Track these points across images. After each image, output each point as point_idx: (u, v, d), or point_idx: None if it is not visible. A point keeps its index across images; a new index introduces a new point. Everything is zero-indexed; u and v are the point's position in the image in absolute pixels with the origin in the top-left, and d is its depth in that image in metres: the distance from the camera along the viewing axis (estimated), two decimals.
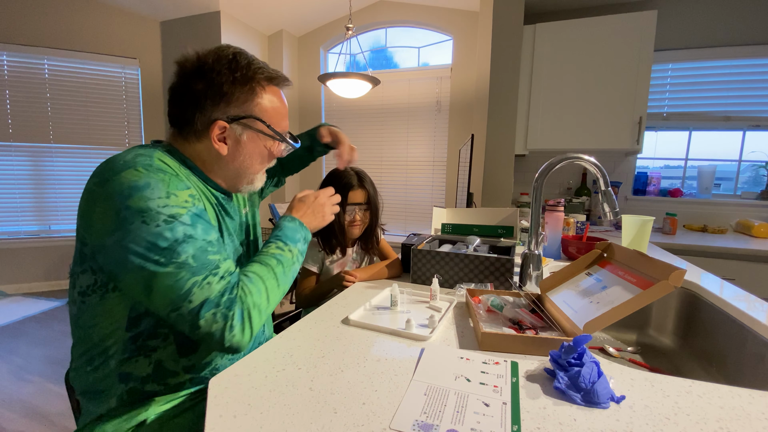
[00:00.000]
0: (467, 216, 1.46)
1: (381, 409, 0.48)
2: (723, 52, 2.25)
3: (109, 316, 0.61)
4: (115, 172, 0.57)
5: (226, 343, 0.59)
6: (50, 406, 1.69)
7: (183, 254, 0.56)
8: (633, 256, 0.75)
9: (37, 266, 3.21)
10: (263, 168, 0.77)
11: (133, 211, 0.55)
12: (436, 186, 3.40)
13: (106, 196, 0.56)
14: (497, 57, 2.16)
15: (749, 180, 2.37)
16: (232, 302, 0.59)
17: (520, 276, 1.00)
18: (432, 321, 0.74)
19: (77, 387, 0.67)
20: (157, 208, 0.56)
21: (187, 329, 0.58)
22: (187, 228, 0.58)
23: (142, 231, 0.55)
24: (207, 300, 0.57)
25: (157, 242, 0.55)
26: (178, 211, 0.58)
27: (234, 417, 0.46)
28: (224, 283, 0.59)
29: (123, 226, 0.55)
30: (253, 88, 0.68)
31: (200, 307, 0.56)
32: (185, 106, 0.67)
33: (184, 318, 0.57)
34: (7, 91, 3.00)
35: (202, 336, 0.58)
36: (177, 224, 0.57)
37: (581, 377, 0.50)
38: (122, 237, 0.55)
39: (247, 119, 0.69)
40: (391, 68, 3.49)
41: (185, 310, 0.56)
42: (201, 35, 3.15)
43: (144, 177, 0.57)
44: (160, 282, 0.55)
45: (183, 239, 0.57)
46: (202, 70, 0.66)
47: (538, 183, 0.97)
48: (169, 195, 0.58)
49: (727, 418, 0.47)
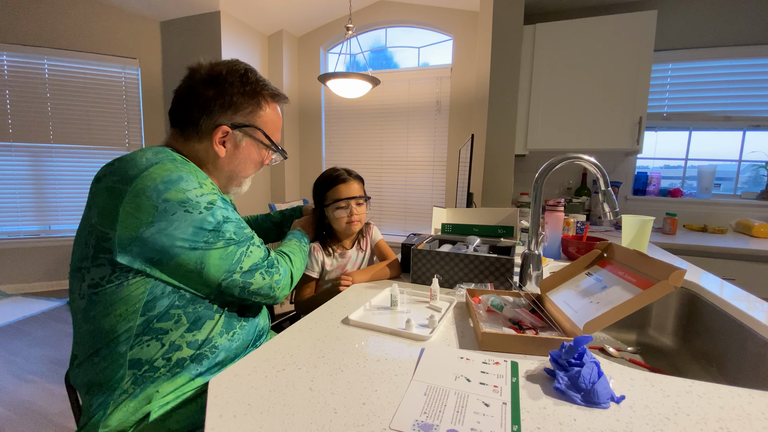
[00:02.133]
0: (467, 216, 1.46)
1: (381, 409, 0.48)
2: (723, 52, 2.25)
3: (125, 302, 0.63)
4: (142, 168, 0.62)
5: (272, 291, 0.75)
6: (50, 406, 1.69)
7: (227, 232, 0.68)
8: (633, 256, 0.75)
9: (37, 266, 3.21)
10: (253, 173, 0.85)
11: (174, 203, 0.62)
12: (436, 186, 3.40)
13: (138, 192, 0.60)
14: (497, 57, 2.16)
15: (749, 180, 2.37)
16: (272, 263, 0.76)
17: (520, 276, 1.00)
18: (432, 321, 0.74)
19: (82, 383, 0.67)
20: (195, 197, 0.64)
21: (238, 291, 0.70)
22: (223, 210, 0.69)
23: (187, 219, 0.63)
24: (255, 263, 0.72)
25: (204, 226, 0.65)
26: (212, 197, 0.67)
27: (234, 417, 0.46)
28: (263, 249, 0.76)
29: (164, 217, 0.61)
30: (258, 101, 0.77)
31: (251, 270, 0.71)
32: (192, 109, 0.73)
33: (236, 282, 0.70)
34: (7, 91, 3.00)
35: (252, 292, 0.72)
36: (216, 209, 0.67)
37: (581, 377, 0.50)
38: (165, 227, 0.61)
39: (249, 128, 0.77)
40: (391, 68, 3.49)
41: (238, 275, 0.69)
42: (201, 35, 3.15)
43: (175, 171, 0.64)
44: (213, 257, 0.66)
45: (224, 220, 0.68)
46: (215, 79, 0.73)
47: (538, 183, 0.97)
48: (201, 185, 0.67)
49: (727, 418, 0.47)
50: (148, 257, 0.62)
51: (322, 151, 3.79)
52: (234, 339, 0.75)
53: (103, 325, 0.64)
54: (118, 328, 0.64)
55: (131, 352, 0.65)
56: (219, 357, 0.72)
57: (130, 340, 0.64)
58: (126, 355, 0.64)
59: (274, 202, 3.20)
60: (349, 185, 1.16)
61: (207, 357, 0.71)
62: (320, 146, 3.78)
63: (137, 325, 0.64)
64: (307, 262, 1.21)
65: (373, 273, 1.09)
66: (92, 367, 0.65)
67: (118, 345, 0.64)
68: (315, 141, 3.79)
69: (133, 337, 0.64)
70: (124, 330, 0.64)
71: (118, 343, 0.64)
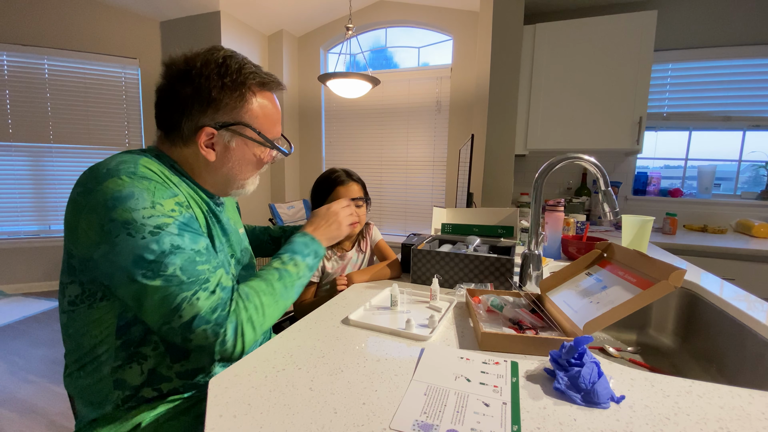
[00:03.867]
0: (467, 216, 1.46)
1: (381, 409, 0.48)
2: (723, 52, 2.25)
3: (98, 324, 0.61)
4: (98, 181, 0.56)
5: (216, 356, 0.59)
6: (50, 406, 1.69)
7: (170, 266, 0.55)
8: (633, 256, 0.75)
9: (37, 266, 3.21)
10: (254, 174, 0.75)
11: (118, 224, 0.54)
12: (436, 186, 3.40)
13: (90, 207, 0.55)
14: (497, 57, 2.16)
15: (749, 180, 2.37)
16: (224, 319, 0.58)
17: (520, 276, 1.00)
18: (432, 321, 0.74)
19: (72, 392, 0.67)
20: (141, 219, 0.54)
21: (179, 342, 0.58)
22: (174, 238, 0.57)
23: (129, 244, 0.54)
24: (197, 316, 0.56)
25: (144, 255, 0.54)
26: (165, 221, 0.56)
27: (234, 417, 0.46)
28: (215, 299, 0.58)
29: (108, 239, 0.54)
30: (243, 94, 0.66)
31: (190, 322, 0.56)
32: (171, 111, 0.65)
33: (176, 332, 0.57)
34: (7, 91, 3.00)
35: (193, 348, 0.59)
36: (163, 235, 0.56)
37: (581, 377, 0.50)
38: (108, 250, 0.54)
39: (236, 126, 0.67)
40: (391, 68, 3.49)
41: (176, 324, 0.56)
42: (201, 35, 3.15)
43: (128, 186, 0.55)
44: (149, 296, 0.55)
45: (170, 250, 0.56)
46: (189, 75, 0.63)
47: (538, 183, 0.97)
48: (154, 205, 0.56)
49: (727, 418, 0.47)
50: (99, 281, 0.58)
51: (322, 151, 3.79)
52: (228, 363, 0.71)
53: (83, 343, 0.62)
54: (97, 348, 0.62)
55: (115, 373, 0.63)
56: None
57: (110, 361, 0.62)
58: (110, 375, 0.63)
59: (274, 202, 3.20)
60: (348, 187, 1.16)
61: (201, 383, 0.69)
62: (320, 146, 3.78)
63: (116, 348, 0.62)
64: None
65: (373, 273, 1.09)
66: (80, 380, 0.64)
67: (101, 364, 0.62)
68: (315, 141, 3.79)
69: (113, 358, 0.62)
70: (103, 350, 0.62)
71: (100, 362, 0.62)
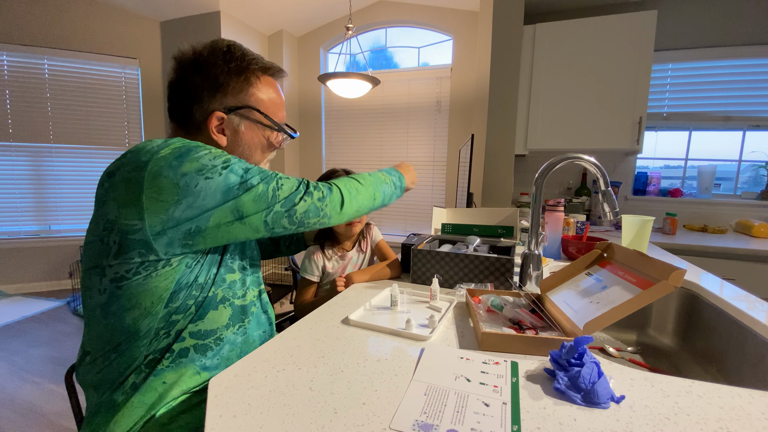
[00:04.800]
0: (467, 216, 1.46)
1: (381, 409, 0.48)
2: (723, 52, 2.25)
3: (152, 294, 0.62)
4: (154, 152, 0.60)
5: (322, 210, 0.70)
6: (50, 406, 1.69)
7: (252, 179, 0.64)
8: (633, 256, 0.75)
9: (37, 266, 3.21)
10: (264, 158, 0.80)
11: (192, 175, 0.59)
12: (436, 186, 3.40)
13: (155, 174, 0.58)
14: (497, 57, 2.16)
15: (749, 180, 2.37)
16: (307, 187, 0.70)
17: (520, 276, 1.00)
18: (432, 321, 0.74)
19: (90, 381, 0.66)
20: (210, 162, 0.61)
21: (287, 222, 0.67)
22: (241, 163, 0.65)
23: (211, 185, 0.60)
24: (290, 193, 0.67)
25: (230, 185, 0.61)
26: (226, 156, 0.64)
27: (234, 417, 0.46)
28: (294, 179, 0.69)
29: (189, 191, 0.58)
30: (248, 78, 0.72)
31: (288, 198, 0.66)
32: (184, 100, 0.70)
33: (280, 213, 0.66)
34: (7, 91, 3.00)
35: (302, 217, 0.68)
36: (233, 164, 0.63)
37: (581, 377, 0.50)
38: (193, 201, 0.59)
39: (243, 109, 0.72)
40: (391, 68, 3.49)
41: (279, 206, 0.65)
42: (201, 35, 3.15)
43: (184, 146, 0.61)
44: (246, 203, 0.62)
45: (245, 171, 0.64)
46: (198, 63, 0.69)
47: (538, 183, 0.97)
48: (209, 149, 0.63)
49: (727, 418, 0.47)
50: (186, 232, 0.60)
51: (322, 151, 3.79)
52: (239, 333, 0.74)
53: (125, 320, 0.62)
54: (140, 321, 0.62)
55: (150, 346, 0.64)
56: (224, 351, 0.71)
57: (149, 333, 0.63)
58: (144, 349, 0.64)
59: None
60: None
61: (211, 348, 0.69)
62: (320, 146, 3.78)
63: (159, 318, 0.63)
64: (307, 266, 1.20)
65: (373, 273, 1.09)
66: (108, 364, 0.64)
67: (138, 339, 0.63)
68: (315, 141, 3.79)
69: (153, 330, 0.63)
70: (144, 324, 0.63)
71: (138, 337, 0.63)
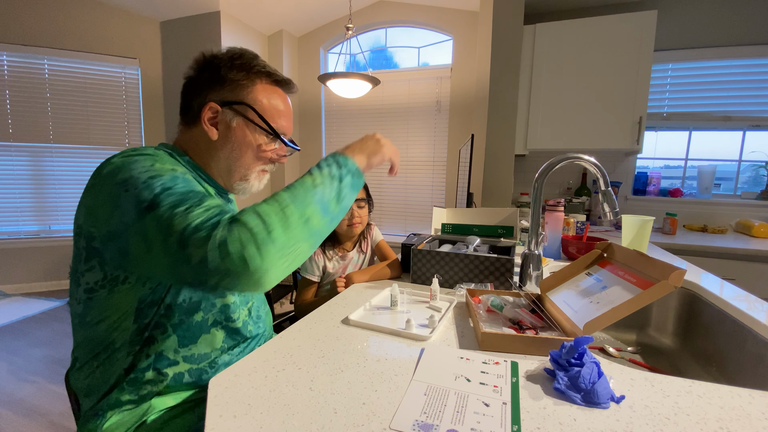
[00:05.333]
0: (467, 216, 1.46)
1: (381, 409, 0.48)
2: (723, 52, 2.25)
3: (117, 309, 0.61)
4: (109, 160, 0.59)
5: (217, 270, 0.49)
6: (50, 406, 1.69)
7: (164, 203, 0.53)
8: (633, 256, 0.75)
9: (37, 266, 3.20)
10: (256, 166, 0.73)
11: (119, 185, 0.55)
12: (436, 186, 3.40)
13: (101, 183, 0.57)
14: (497, 57, 2.16)
15: (749, 180, 2.37)
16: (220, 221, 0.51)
17: (520, 276, 1.00)
18: (432, 321, 0.74)
19: (80, 387, 0.67)
20: (138, 175, 0.55)
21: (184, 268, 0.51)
22: (166, 182, 0.55)
23: (128, 199, 0.53)
24: (190, 224, 0.50)
25: (140, 203, 0.53)
26: (159, 172, 0.56)
27: (234, 417, 0.46)
28: (212, 212, 0.53)
29: (117, 204, 0.54)
30: (251, 78, 0.70)
31: (184, 232, 0.50)
32: (190, 94, 0.71)
33: (174, 254, 0.50)
34: (7, 91, 3.00)
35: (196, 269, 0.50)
36: (155, 181, 0.54)
37: (581, 377, 0.50)
38: (120, 215, 0.54)
39: (239, 105, 0.69)
40: (391, 68, 3.49)
41: (173, 242, 0.50)
42: (201, 35, 3.15)
43: (133, 156, 0.58)
44: (150, 229, 0.52)
45: (161, 191, 0.54)
46: (209, 62, 0.70)
47: (538, 183, 0.97)
48: (154, 163, 0.57)
49: (727, 418, 0.47)
50: (119, 249, 0.56)
51: (323, 151, 3.79)
52: (234, 354, 0.73)
53: (98, 331, 0.63)
54: (113, 334, 0.63)
55: (128, 360, 0.64)
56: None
57: (125, 347, 0.63)
58: (123, 361, 0.64)
59: None
60: None
61: (206, 372, 0.69)
62: (320, 146, 3.78)
63: (131, 333, 0.63)
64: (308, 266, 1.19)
65: (373, 273, 1.09)
66: (92, 371, 0.65)
67: (115, 351, 0.63)
68: (315, 141, 3.79)
69: (128, 344, 0.63)
70: (118, 337, 0.63)
71: (114, 349, 0.63)
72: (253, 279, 0.50)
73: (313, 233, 0.56)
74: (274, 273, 0.52)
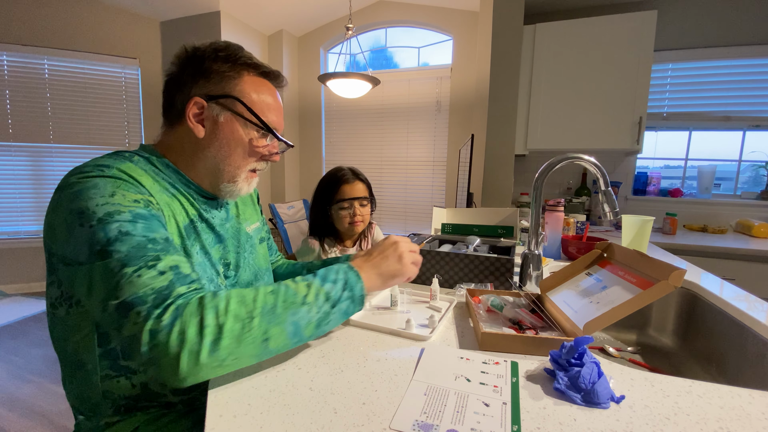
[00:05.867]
0: (467, 216, 1.46)
1: (381, 409, 0.48)
2: (723, 52, 2.25)
3: (77, 330, 0.58)
4: (70, 177, 0.54)
5: (144, 355, 0.45)
6: (50, 406, 1.69)
7: (115, 254, 0.48)
8: (633, 256, 0.75)
9: (37, 266, 3.21)
10: (246, 164, 0.68)
11: (74, 215, 0.50)
12: (436, 186, 3.40)
13: (60, 204, 0.52)
14: (497, 57, 2.16)
15: (749, 180, 2.37)
16: (165, 302, 0.47)
17: (520, 276, 1.00)
18: (432, 321, 0.74)
19: (68, 396, 0.65)
20: (94, 207, 0.50)
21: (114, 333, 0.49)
22: (124, 225, 0.50)
23: (80, 234, 0.49)
24: (134, 294, 0.46)
25: (91, 244, 0.49)
26: (118, 208, 0.51)
27: (234, 417, 0.46)
28: (162, 280, 0.48)
29: (71, 233, 0.50)
30: (237, 69, 0.65)
31: (125, 303, 0.46)
32: (172, 91, 0.65)
33: (109, 316, 0.47)
34: (7, 91, 3.00)
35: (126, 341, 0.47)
36: (112, 222, 0.49)
37: (581, 377, 0.50)
38: (73, 246, 0.50)
39: (225, 99, 0.63)
40: (391, 68, 3.49)
41: (111, 308, 0.47)
42: (201, 35, 3.15)
43: (93, 179, 0.52)
44: (93, 281, 0.48)
45: (116, 237, 0.49)
46: (191, 56, 0.65)
47: (538, 183, 0.97)
48: (113, 194, 0.52)
49: (727, 418, 0.47)
50: (69, 277, 0.53)
51: (322, 151, 3.79)
52: None
53: (67, 349, 0.60)
54: (82, 356, 0.59)
55: (102, 384, 0.60)
56: None
57: (96, 371, 0.59)
58: (99, 385, 0.60)
59: (274, 202, 3.19)
60: (353, 186, 1.16)
61: (199, 400, 0.67)
62: (320, 146, 3.78)
63: (99, 356, 0.59)
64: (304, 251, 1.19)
65: None
66: (73, 387, 0.63)
67: (88, 373, 0.59)
68: (315, 141, 3.79)
69: (99, 368, 0.59)
70: (87, 359, 0.59)
71: (87, 371, 0.59)
72: (176, 379, 0.46)
73: (266, 352, 0.51)
74: (201, 378, 0.47)
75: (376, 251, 0.67)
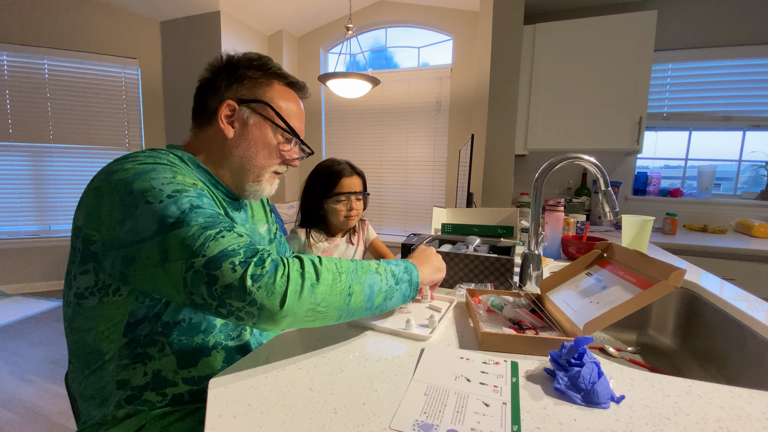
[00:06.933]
0: (467, 216, 1.46)
1: (381, 409, 0.48)
2: (723, 52, 2.25)
3: (106, 320, 0.59)
4: (122, 165, 0.57)
5: (248, 294, 0.48)
6: (50, 406, 1.69)
7: (193, 217, 0.53)
8: (633, 256, 0.75)
9: (37, 266, 3.21)
10: (270, 165, 0.73)
11: (137, 195, 0.53)
12: (436, 186, 3.40)
13: (112, 188, 0.55)
14: (497, 57, 2.16)
15: (749, 180, 2.37)
16: (257, 253, 0.52)
17: (520, 276, 1.00)
18: (432, 321, 0.74)
19: (75, 391, 0.66)
20: (160, 186, 0.54)
21: (206, 291, 0.50)
22: (194, 199, 0.55)
23: (148, 211, 0.52)
24: (223, 250, 0.51)
25: (165, 215, 0.52)
26: (184, 187, 0.56)
27: (234, 417, 0.46)
28: (243, 240, 0.53)
29: (131, 213, 0.53)
30: (268, 78, 0.72)
31: (215, 258, 0.50)
32: (203, 94, 0.71)
33: (200, 275, 0.50)
34: (7, 91, 3.00)
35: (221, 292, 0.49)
36: (182, 197, 0.54)
37: (581, 377, 0.50)
38: (133, 225, 0.53)
39: (256, 104, 0.70)
40: (391, 68, 3.49)
41: (199, 264, 0.50)
42: (201, 35, 3.15)
43: (150, 164, 0.57)
44: (173, 243, 0.51)
45: (190, 209, 0.53)
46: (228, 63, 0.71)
47: (538, 183, 0.97)
48: (175, 175, 0.57)
49: (727, 418, 0.47)
50: (124, 258, 0.55)
51: (322, 151, 3.79)
52: None
53: (87, 340, 0.61)
54: (102, 345, 0.60)
55: (120, 373, 0.61)
56: None
57: (115, 359, 0.61)
58: (114, 374, 0.61)
59: (274, 203, 3.20)
60: (351, 180, 1.16)
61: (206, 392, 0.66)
62: (320, 146, 3.78)
63: (121, 346, 0.60)
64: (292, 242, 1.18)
65: None
66: (84, 379, 0.63)
67: (104, 362, 0.61)
68: (315, 141, 3.79)
69: (117, 357, 0.61)
70: (107, 348, 0.60)
71: (104, 360, 0.61)
72: (275, 317, 0.51)
73: (347, 308, 0.57)
74: (295, 321, 0.53)
75: (416, 255, 0.79)
